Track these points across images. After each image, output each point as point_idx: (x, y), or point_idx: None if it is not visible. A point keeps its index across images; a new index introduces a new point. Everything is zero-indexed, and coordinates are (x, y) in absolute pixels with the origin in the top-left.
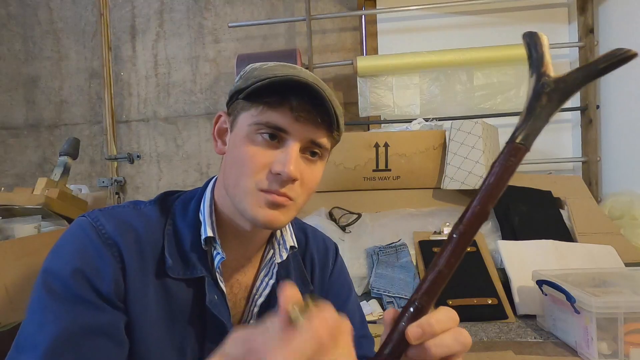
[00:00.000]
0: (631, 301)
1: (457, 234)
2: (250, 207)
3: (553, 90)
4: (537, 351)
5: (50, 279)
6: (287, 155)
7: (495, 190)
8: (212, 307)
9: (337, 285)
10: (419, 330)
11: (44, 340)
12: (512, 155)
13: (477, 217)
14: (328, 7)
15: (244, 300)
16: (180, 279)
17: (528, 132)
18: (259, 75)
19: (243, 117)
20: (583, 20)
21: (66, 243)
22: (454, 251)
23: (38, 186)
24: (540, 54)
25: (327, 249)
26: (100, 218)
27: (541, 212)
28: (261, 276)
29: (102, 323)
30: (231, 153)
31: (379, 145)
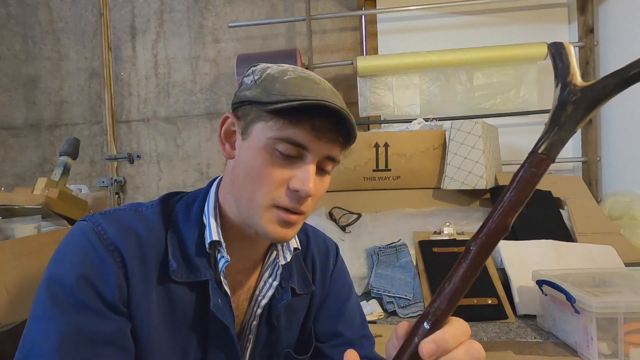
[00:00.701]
0: (631, 301)
1: (475, 247)
2: (263, 222)
3: (580, 99)
4: (537, 351)
5: (54, 286)
6: (306, 173)
7: (516, 203)
8: (216, 311)
9: (337, 286)
10: (433, 346)
11: (50, 349)
12: (533, 166)
13: (497, 231)
14: (328, 7)
15: (246, 301)
16: (183, 283)
17: (551, 142)
18: (283, 91)
19: (260, 128)
20: (583, 20)
21: (68, 249)
22: (471, 265)
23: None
24: (566, 63)
25: (327, 249)
26: (102, 222)
27: (541, 212)
28: (264, 277)
29: (108, 331)
30: (244, 163)
31: (379, 145)
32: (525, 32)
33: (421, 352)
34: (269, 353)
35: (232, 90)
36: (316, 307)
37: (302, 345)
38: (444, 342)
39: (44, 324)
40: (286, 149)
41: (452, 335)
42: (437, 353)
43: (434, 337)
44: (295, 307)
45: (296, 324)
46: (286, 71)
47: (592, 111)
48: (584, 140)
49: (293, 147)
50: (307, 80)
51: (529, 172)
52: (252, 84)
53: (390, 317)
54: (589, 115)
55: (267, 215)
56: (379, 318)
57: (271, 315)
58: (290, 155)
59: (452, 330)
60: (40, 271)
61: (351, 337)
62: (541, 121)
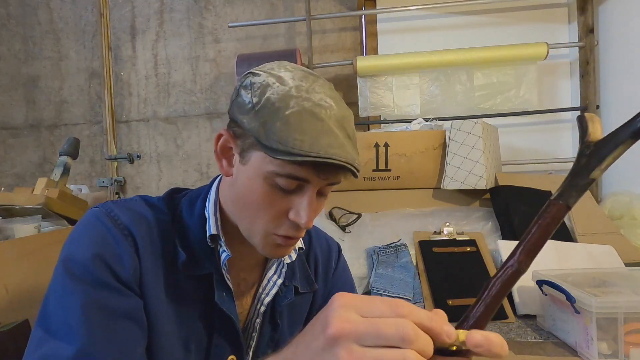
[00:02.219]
0: (631, 301)
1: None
2: (261, 246)
3: (593, 152)
4: (537, 351)
5: (71, 265)
6: (305, 206)
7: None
8: (221, 304)
9: (339, 284)
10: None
11: (76, 322)
12: (546, 210)
13: (513, 274)
14: (328, 7)
15: (249, 297)
16: (189, 275)
17: (564, 189)
18: (284, 138)
19: (259, 158)
20: (583, 20)
21: (84, 231)
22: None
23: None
24: (584, 128)
25: (330, 248)
26: (114, 209)
27: None
28: (268, 275)
29: (126, 307)
30: (243, 188)
31: (379, 145)
32: (525, 32)
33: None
34: (272, 351)
35: (232, 91)
36: (318, 305)
37: None
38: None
39: (65, 298)
40: (287, 184)
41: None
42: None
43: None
44: (298, 306)
45: (299, 323)
46: (289, 98)
47: (606, 159)
48: None
49: (294, 182)
50: (311, 118)
51: (540, 217)
52: (250, 108)
53: None
54: (603, 163)
55: (265, 241)
56: None
57: (275, 313)
58: (291, 185)
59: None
60: (40, 271)
61: None
62: (541, 121)
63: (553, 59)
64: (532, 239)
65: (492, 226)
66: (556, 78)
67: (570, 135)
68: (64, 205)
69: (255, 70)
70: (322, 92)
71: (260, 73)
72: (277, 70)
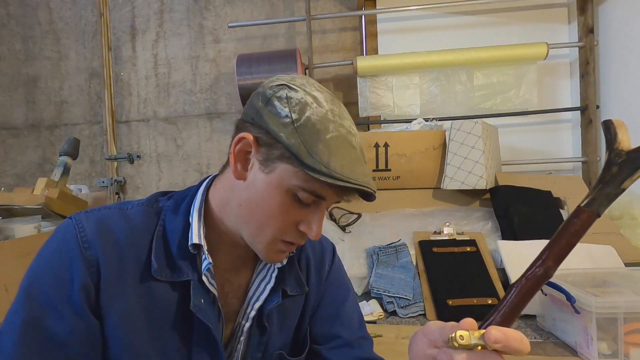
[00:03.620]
0: (631, 301)
1: (515, 290)
2: (264, 250)
3: (625, 161)
4: (537, 351)
5: (28, 281)
6: (317, 220)
7: (558, 251)
8: (197, 312)
9: (333, 287)
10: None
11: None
12: (574, 216)
13: (540, 278)
14: (328, 7)
15: (236, 299)
16: (165, 282)
17: (594, 197)
18: (326, 160)
19: (286, 170)
20: (583, 20)
21: (49, 245)
22: (512, 305)
23: (38, 186)
24: (613, 134)
25: (323, 249)
26: (83, 221)
27: (541, 212)
28: (258, 280)
29: (67, 333)
30: (260, 195)
31: (379, 145)
32: (525, 32)
33: (488, 336)
34: (261, 355)
35: (232, 90)
36: (312, 308)
37: (296, 346)
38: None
39: (12, 317)
40: (306, 198)
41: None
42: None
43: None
44: (288, 309)
45: (289, 326)
46: (327, 121)
47: (638, 170)
48: (584, 141)
49: (313, 197)
50: (348, 146)
51: (568, 222)
52: (288, 123)
53: (390, 317)
54: (635, 173)
55: (270, 246)
56: (379, 318)
57: (262, 316)
58: (308, 203)
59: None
60: None
61: (349, 338)
62: (541, 121)
63: (553, 59)
64: (561, 244)
65: (492, 226)
66: (556, 78)
67: (570, 135)
68: (64, 205)
69: (291, 85)
70: (348, 118)
71: (297, 89)
72: (310, 89)
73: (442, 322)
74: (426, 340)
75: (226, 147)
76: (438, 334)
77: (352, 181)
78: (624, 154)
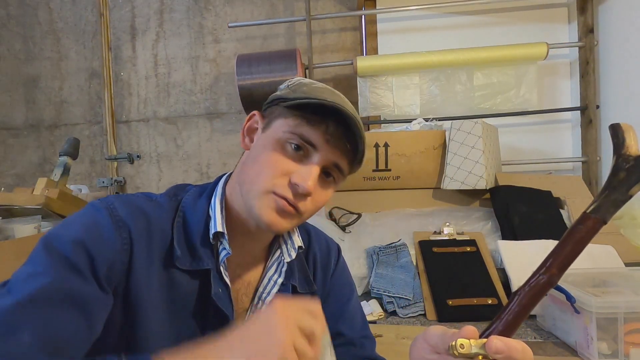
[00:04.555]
0: (631, 301)
1: (519, 297)
2: (258, 205)
3: (633, 166)
4: (537, 351)
5: (51, 240)
6: (309, 171)
7: (562, 259)
8: (217, 299)
9: (338, 286)
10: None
11: (29, 289)
12: (580, 223)
13: (544, 286)
14: (328, 7)
15: (245, 296)
16: (186, 270)
17: (600, 203)
18: (309, 92)
19: (279, 123)
20: (583, 20)
21: (77, 218)
22: (515, 317)
23: (38, 186)
24: (621, 139)
25: (329, 249)
26: (114, 201)
27: (541, 212)
28: (269, 274)
29: (85, 295)
30: (256, 151)
31: (379, 145)
32: (525, 32)
33: (489, 346)
34: None
35: (232, 90)
36: None
37: None
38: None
39: (33, 266)
40: (297, 143)
41: (522, 347)
42: (504, 352)
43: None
44: None
45: None
46: (317, 83)
47: None
48: (584, 140)
49: (303, 143)
50: (334, 93)
51: (574, 229)
52: (284, 87)
53: (390, 317)
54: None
55: (264, 199)
56: (379, 318)
57: None
58: (299, 152)
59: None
60: None
61: (352, 337)
62: (541, 121)
63: (553, 58)
64: (565, 251)
65: (492, 226)
66: (556, 78)
67: (570, 135)
68: (64, 206)
69: (299, 78)
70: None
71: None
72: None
73: (444, 327)
74: (427, 346)
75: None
76: (439, 340)
77: (328, 100)
78: (632, 159)
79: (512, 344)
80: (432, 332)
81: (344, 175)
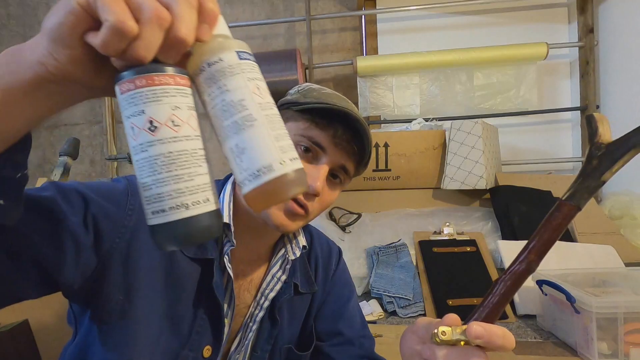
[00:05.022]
0: (631, 301)
1: (499, 287)
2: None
3: (604, 154)
4: (537, 351)
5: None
6: (318, 172)
7: (540, 246)
8: (216, 288)
9: (338, 286)
10: (481, 330)
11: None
12: (556, 210)
13: (523, 272)
14: (328, 7)
15: (248, 293)
16: (188, 256)
17: (575, 190)
18: (318, 97)
19: (289, 126)
20: (583, 20)
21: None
22: (495, 305)
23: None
24: (594, 129)
25: (330, 251)
26: (133, 179)
27: (541, 212)
28: (272, 271)
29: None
30: None
31: (379, 145)
32: (525, 32)
33: (469, 332)
34: (271, 347)
35: None
36: (317, 306)
37: (303, 342)
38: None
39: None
40: (307, 145)
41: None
42: (484, 337)
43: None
44: (297, 304)
45: (297, 321)
46: (326, 89)
47: (617, 162)
48: (583, 141)
49: (313, 146)
50: (342, 99)
51: (551, 216)
52: (295, 92)
53: (390, 317)
54: (614, 165)
55: None
56: (379, 318)
57: (274, 308)
58: (308, 154)
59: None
60: None
61: (351, 336)
62: (541, 121)
63: (553, 59)
64: (543, 238)
65: (492, 226)
66: (556, 78)
67: (570, 135)
68: None
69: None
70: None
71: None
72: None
73: (430, 318)
74: (414, 337)
75: None
76: (424, 330)
77: (337, 104)
78: (603, 147)
79: (493, 329)
80: (418, 323)
81: (350, 177)
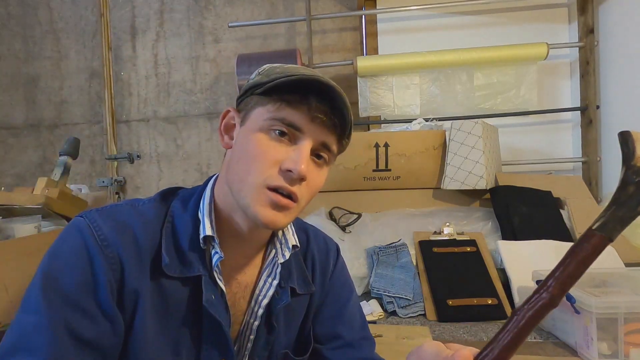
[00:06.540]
0: (631, 301)
1: (518, 318)
2: (253, 204)
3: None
4: (537, 351)
5: (49, 282)
6: (300, 154)
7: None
8: (208, 307)
9: (337, 287)
10: None
11: (45, 343)
12: (584, 240)
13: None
14: (328, 7)
15: (243, 300)
16: (176, 278)
17: (607, 220)
18: (282, 72)
19: (257, 112)
20: (583, 20)
21: (64, 245)
22: (516, 334)
23: (38, 186)
24: (631, 149)
25: (328, 249)
26: (97, 219)
27: (541, 212)
28: (264, 277)
29: (94, 335)
30: (240, 147)
31: (379, 145)
32: (525, 32)
33: None
34: (268, 354)
35: (232, 90)
36: (315, 307)
37: (300, 346)
38: None
39: (36, 317)
40: (281, 129)
41: None
42: None
43: None
44: (294, 308)
45: (295, 325)
46: (289, 65)
47: None
48: (584, 141)
49: (288, 128)
50: (307, 69)
51: (578, 246)
52: (255, 75)
53: (390, 317)
54: None
55: (258, 197)
56: (379, 318)
57: (271, 316)
58: (285, 135)
59: None
60: None
61: (351, 338)
62: (541, 121)
63: (553, 59)
64: (568, 270)
65: (492, 226)
66: (556, 78)
67: (571, 135)
68: (64, 205)
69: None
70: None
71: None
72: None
73: (438, 345)
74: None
75: None
76: (432, 359)
77: (305, 73)
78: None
79: None
80: (426, 350)
81: (334, 154)
